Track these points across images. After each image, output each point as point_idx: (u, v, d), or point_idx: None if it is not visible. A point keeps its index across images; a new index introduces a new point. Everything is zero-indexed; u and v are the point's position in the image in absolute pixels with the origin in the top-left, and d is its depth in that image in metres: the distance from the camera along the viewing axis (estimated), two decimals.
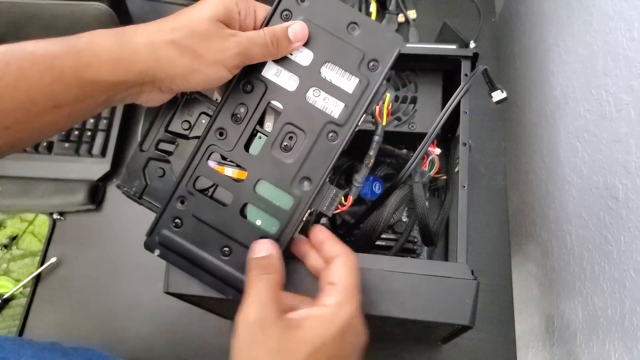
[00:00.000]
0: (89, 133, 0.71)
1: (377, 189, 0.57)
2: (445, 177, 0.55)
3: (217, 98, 0.42)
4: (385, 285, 0.39)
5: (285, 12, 0.38)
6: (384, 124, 0.43)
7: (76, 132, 0.71)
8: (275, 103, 0.39)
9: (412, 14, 0.79)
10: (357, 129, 0.39)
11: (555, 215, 0.64)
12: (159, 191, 0.40)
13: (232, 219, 0.39)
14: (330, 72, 0.38)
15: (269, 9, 0.39)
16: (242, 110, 0.39)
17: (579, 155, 0.57)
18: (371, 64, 0.38)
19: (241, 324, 0.33)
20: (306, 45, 0.38)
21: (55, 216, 0.70)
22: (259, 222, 0.39)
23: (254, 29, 0.38)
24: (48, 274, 0.67)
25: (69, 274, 0.67)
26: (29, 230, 0.71)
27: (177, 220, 0.39)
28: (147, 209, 0.41)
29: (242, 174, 0.39)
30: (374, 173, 0.58)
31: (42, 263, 0.67)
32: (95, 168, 0.70)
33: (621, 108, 0.48)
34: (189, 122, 0.41)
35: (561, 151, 0.62)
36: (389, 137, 0.53)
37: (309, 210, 0.38)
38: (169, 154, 0.41)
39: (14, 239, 0.70)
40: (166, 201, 0.39)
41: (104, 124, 0.72)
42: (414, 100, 0.55)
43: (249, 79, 0.39)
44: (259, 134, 0.39)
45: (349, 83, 0.38)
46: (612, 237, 0.49)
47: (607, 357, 0.49)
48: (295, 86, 0.38)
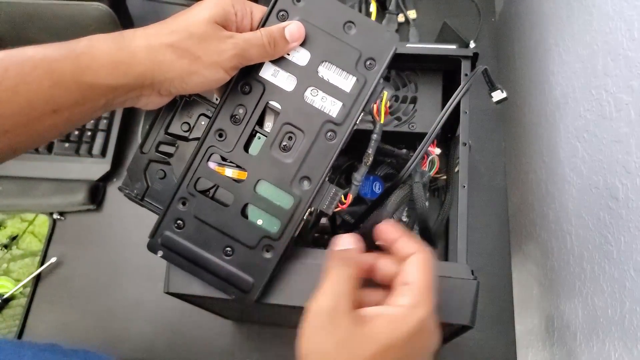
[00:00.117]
0: (89, 133, 0.71)
1: (377, 188, 0.57)
2: (445, 177, 0.55)
3: (216, 99, 0.42)
4: None
5: (281, 13, 0.38)
6: (382, 122, 0.43)
7: (76, 132, 0.71)
8: (273, 103, 0.39)
9: (412, 14, 0.79)
10: (355, 128, 0.39)
11: (555, 215, 0.64)
12: (161, 193, 0.41)
13: (233, 219, 0.39)
14: (328, 72, 0.38)
15: (265, 9, 0.39)
16: (241, 111, 0.39)
17: (579, 155, 0.57)
18: (368, 62, 0.38)
19: (312, 311, 0.32)
20: (303, 45, 0.38)
21: (55, 216, 0.70)
22: (260, 222, 0.39)
23: (250, 30, 0.38)
24: (48, 274, 0.67)
25: (69, 274, 0.67)
26: (29, 230, 0.71)
27: (179, 222, 0.39)
28: (149, 210, 0.41)
29: (242, 175, 0.39)
30: (374, 173, 0.58)
31: (42, 263, 0.67)
32: (95, 168, 0.70)
33: (621, 108, 0.48)
34: (188, 123, 0.41)
35: (561, 151, 0.62)
36: (389, 137, 0.53)
37: (309, 209, 0.38)
38: (169, 155, 0.41)
39: (14, 239, 0.70)
40: (168, 203, 0.39)
41: (104, 124, 0.72)
42: (414, 100, 0.55)
43: (247, 80, 0.39)
44: (258, 134, 0.39)
45: (346, 82, 0.38)
46: (612, 237, 0.49)
47: (607, 357, 0.49)
48: (293, 86, 0.38)
